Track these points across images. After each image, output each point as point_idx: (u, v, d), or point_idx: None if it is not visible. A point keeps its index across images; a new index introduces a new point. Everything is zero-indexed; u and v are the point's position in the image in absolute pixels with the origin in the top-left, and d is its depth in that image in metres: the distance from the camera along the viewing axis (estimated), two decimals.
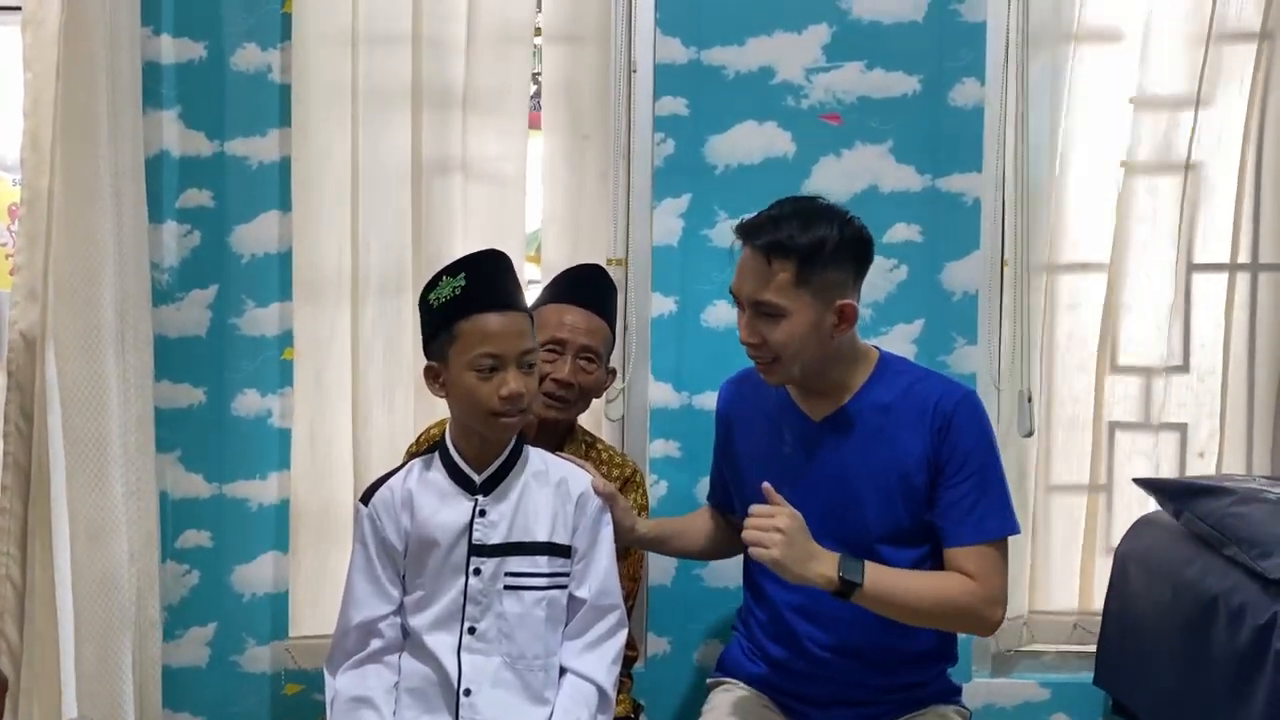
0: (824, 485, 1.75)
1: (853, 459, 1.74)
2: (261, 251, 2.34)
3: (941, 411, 1.70)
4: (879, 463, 1.72)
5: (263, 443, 2.36)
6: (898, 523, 1.72)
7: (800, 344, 1.69)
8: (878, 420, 1.73)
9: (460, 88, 2.30)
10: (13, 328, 2.07)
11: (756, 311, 1.70)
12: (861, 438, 1.74)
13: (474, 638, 1.68)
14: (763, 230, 1.69)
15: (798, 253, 1.65)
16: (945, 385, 1.76)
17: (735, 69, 2.33)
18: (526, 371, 1.67)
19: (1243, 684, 1.71)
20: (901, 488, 1.71)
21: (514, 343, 1.65)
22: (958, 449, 1.69)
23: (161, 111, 2.32)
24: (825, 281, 1.67)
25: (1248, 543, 1.81)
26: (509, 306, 1.66)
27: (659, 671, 2.37)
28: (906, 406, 1.72)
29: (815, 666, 1.76)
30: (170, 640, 2.35)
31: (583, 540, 1.75)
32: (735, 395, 1.94)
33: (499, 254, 1.72)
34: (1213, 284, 2.40)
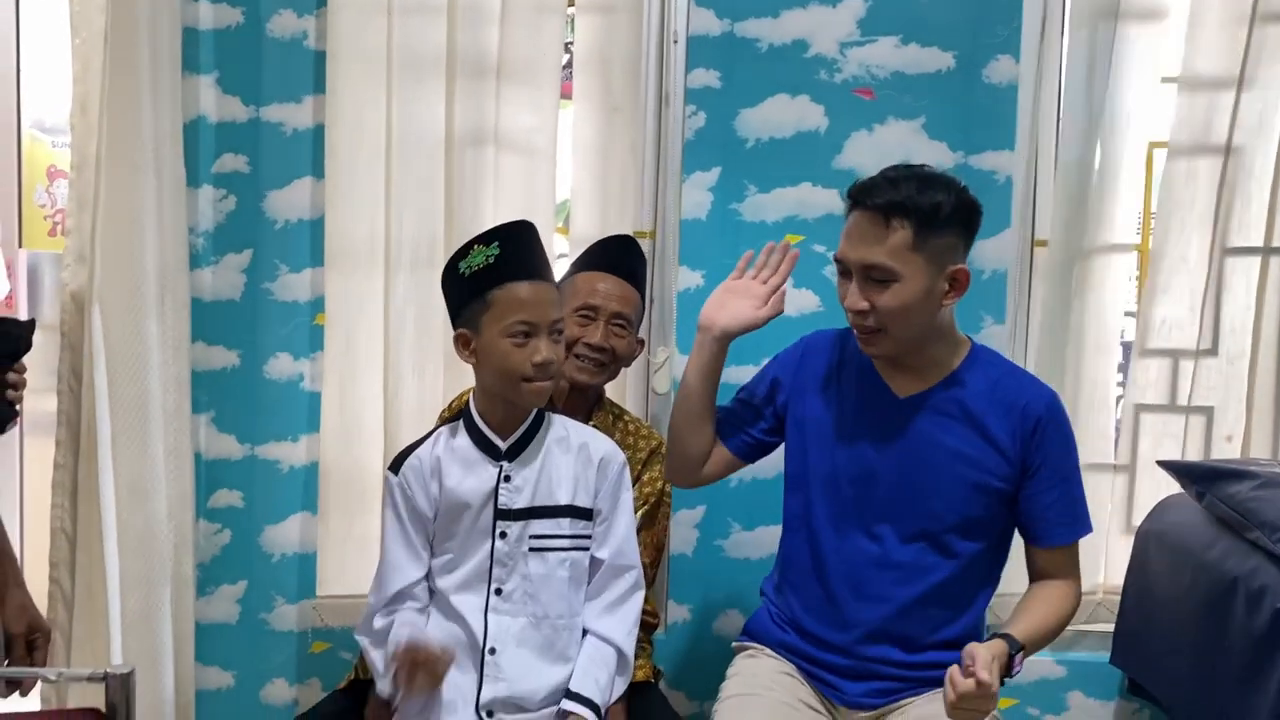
0: (897, 465, 1.73)
1: (933, 443, 1.72)
2: (295, 217, 2.37)
3: (1032, 413, 1.69)
4: (960, 452, 1.71)
5: (294, 406, 2.40)
6: (969, 514, 1.72)
7: (911, 311, 1.65)
8: (964, 408, 1.71)
9: (494, 57, 2.31)
10: (64, 289, 2.12)
11: (866, 276, 1.65)
12: (946, 423, 1.72)
13: (500, 598, 1.73)
14: (879, 190, 1.64)
15: (916, 213, 1.61)
16: (1035, 384, 1.75)
17: (769, 41, 2.33)
18: (556, 340, 1.70)
19: (1259, 667, 1.72)
20: (980, 481, 1.71)
21: (546, 311, 1.68)
22: (1050, 453, 1.69)
23: (199, 77, 2.34)
24: (940, 245, 1.64)
25: (1269, 526, 1.82)
26: (541, 276, 1.70)
27: (679, 639, 2.41)
28: (995, 400, 1.71)
29: (849, 643, 1.77)
30: (202, 597, 2.41)
31: (605, 503, 1.79)
32: (812, 355, 1.87)
33: (529, 225, 1.74)
34: (1246, 267, 2.38)
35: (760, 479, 2.36)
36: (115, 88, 2.04)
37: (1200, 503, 2.06)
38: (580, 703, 1.70)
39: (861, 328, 1.69)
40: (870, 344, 1.70)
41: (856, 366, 1.79)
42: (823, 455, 1.80)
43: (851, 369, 1.80)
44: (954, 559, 1.73)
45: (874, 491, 1.73)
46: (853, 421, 1.78)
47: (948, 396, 1.72)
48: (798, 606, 1.85)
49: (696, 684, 2.40)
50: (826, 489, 1.80)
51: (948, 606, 1.75)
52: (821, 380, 1.83)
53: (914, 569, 1.74)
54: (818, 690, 1.81)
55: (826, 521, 1.80)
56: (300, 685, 2.44)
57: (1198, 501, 2.07)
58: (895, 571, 1.74)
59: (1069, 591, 1.73)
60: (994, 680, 1.50)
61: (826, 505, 1.80)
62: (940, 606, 1.75)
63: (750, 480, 2.37)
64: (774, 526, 2.37)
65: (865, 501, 1.76)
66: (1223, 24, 2.31)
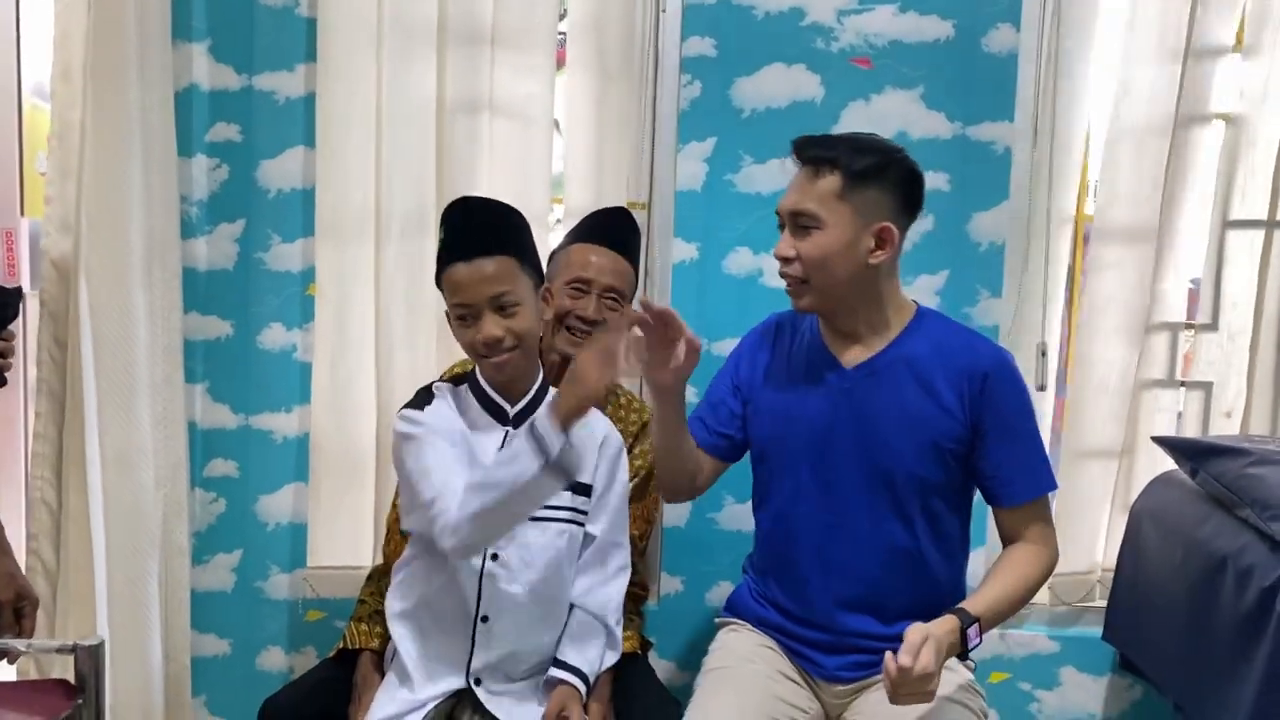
0: (851, 435, 1.74)
1: (883, 409, 1.73)
2: (288, 187, 2.36)
3: (980, 369, 1.69)
4: (910, 415, 1.71)
5: (287, 376, 2.40)
6: (925, 477, 1.72)
7: (832, 262, 1.66)
8: (912, 371, 1.72)
9: (488, 24, 2.28)
10: (44, 257, 2.11)
11: (795, 224, 1.69)
12: (894, 388, 1.72)
13: (497, 564, 1.72)
14: (816, 143, 1.69)
15: (845, 167, 1.65)
16: (982, 343, 1.75)
17: (765, 9, 2.29)
18: (506, 314, 1.67)
19: (1245, 645, 1.71)
20: (932, 442, 1.71)
21: (480, 289, 1.65)
22: (1000, 411, 1.69)
23: (192, 44, 2.33)
24: (868, 199, 1.66)
25: (1260, 504, 1.80)
26: (474, 254, 1.66)
27: (672, 610, 2.41)
28: (942, 361, 1.71)
29: (822, 616, 1.78)
30: (198, 565, 2.42)
31: (601, 481, 1.79)
32: (766, 338, 1.90)
33: (472, 201, 1.74)
34: (1248, 240, 2.34)
35: None
36: (99, 55, 2.03)
37: (1194, 479, 2.04)
38: (569, 671, 1.71)
39: (788, 277, 1.72)
40: (797, 295, 1.73)
41: (806, 342, 1.81)
42: (779, 432, 1.81)
43: (802, 345, 1.82)
44: (914, 525, 1.74)
45: (830, 463, 1.75)
46: (805, 396, 1.79)
47: (894, 361, 1.73)
48: (773, 582, 1.86)
49: (688, 655, 2.41)
50: (786, 466, 1.81)
51: (915, 575, 1.75)
52: (775, 361, 1.85)
53: (875, 538, 1.74)
54: (797, 664, 1.82)
55: (788, 498, 1.81)
56: (295, 653, 2.46)
57: (1191, 478, 2.05)
58: (857, 543, 1.75)
59: (1037, 554, 1.71)
60: (925, 663, 1.48)
61: (787, 481, 1.81)
62: (908, 575, 1.75)
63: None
64: None
65: (822, 475, 1.76)
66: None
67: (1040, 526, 1.73)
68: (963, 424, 1.70)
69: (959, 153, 2.30)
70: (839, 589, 1.77)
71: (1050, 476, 1.74)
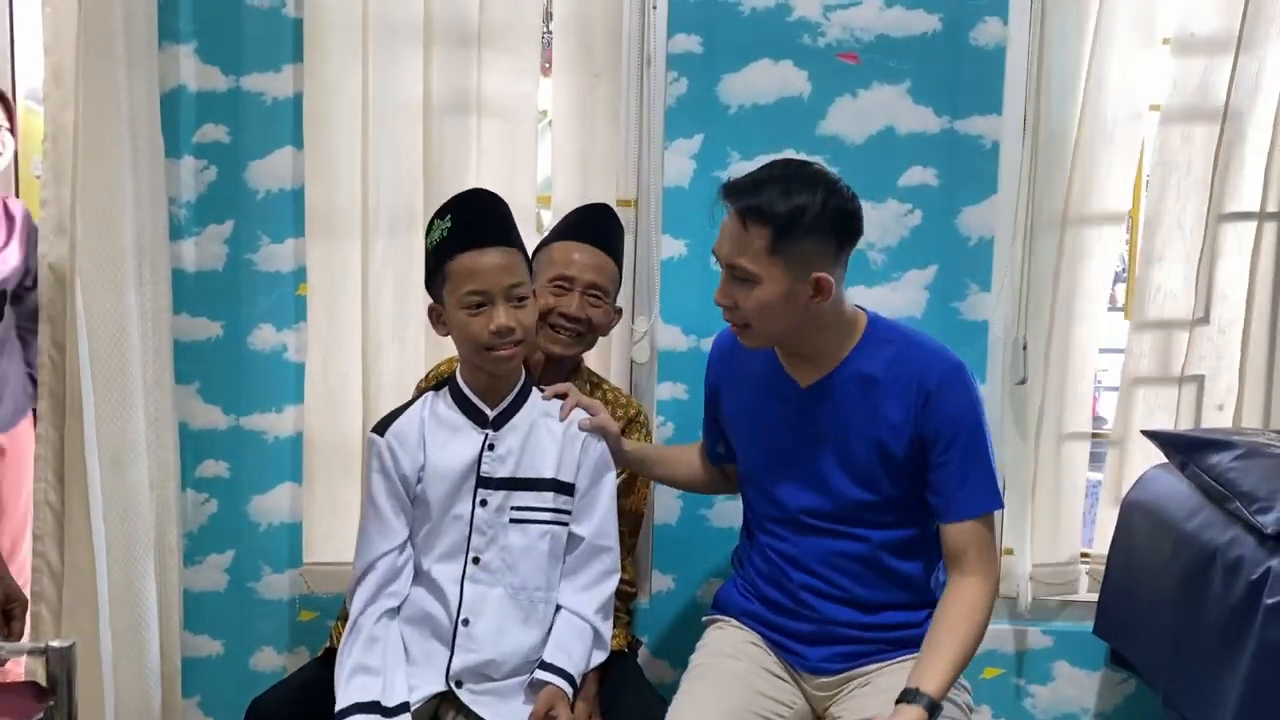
0: (811, 453, 1.76)
1: (837, 429, 1.73)
2: (276, 187, 2.36)
3: (926, 384, 1.67)
4: (862, 433, 1.71)
5: (278, 376, 2.40)
6: (883, 494, 1.72)
7: (772, 312, 1.66)
8: (863, 389, 1.72)
9: (474, 24, 2.28)
10: (43, 261, 2.12)
11: (731, 275, 1.68)
12: (846, 407, 1.73)
13: (478, 568, 1.73)
14: (743, 193, 1.65)
15: (773, 220, 1.61)
16: (932, 356, 1.71)
17: (751, 5, 2.29)
18: (517, 305, 1.69)
19: (1233, 638, 1.70)
20: (883, 459, 1.71)
21: (498, 278, 1.67)
22: (944, 424, 1.67)
23: (178, 46, 2.33)
24: (801, 252, 1.62)
25: (1248, 497, 1.79)
26: (492, 243, 1.68)
27: (663, 608, 2.41)
28: (892, 377, 1.70)
29: (804, 607, 1.79)
30: (190, 566, 2.43)
31: (585, 480, 1.79)
32: (724, 357, 1.92)
33: (483, 192, 1.75)
34: (1240, 233, 2.33)
35: None
36: (89, 58, 2.03)
37: (1183, 473, 2.03)
38: (554, 673, 1.71)
39: (731, 321, 1.74)
40: (743, 336, 1.74)
41: (763, 360, 1.81)
42: (746, 447, 1.85)
43: (759, 362, 1.82)
44: (872, 540, 1.74)
45: (792, 480, 1.77)
46: (765, 413, 1.81)
47: (846, 380, 1.73)
48: (754, 575, 1.87)
49: (679, 653, 2.38)
50: (754, 478, 1.85)
51: (881, 575, 1.76)
52: (739, 375, 1.87)
53: (840, 551, 1.76)
54: (782, 659, 1.82)
55: (760, 509, 1.85)
56: (289, 653, 2.46)
57: (1181, 472, 2.05)
58: (824, 553, 1.77)
59: (975, 595, 1.66)
60: None
61: (756, 493, 1.85)
62: (874, 576, 1.76)
63: None
64: None
65: (786, 491, 1.79)
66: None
67: (980, 548, 1.68)
68: (909, 439, 1.69)
69: (947, 147, 2.30)
70: (816, 585, 1.78)
71: (995, 495, 1.69)
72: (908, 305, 2.33)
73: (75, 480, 2.10)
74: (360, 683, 1.66)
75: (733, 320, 1.73)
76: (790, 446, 1.78)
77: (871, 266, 2.32)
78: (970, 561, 1.67)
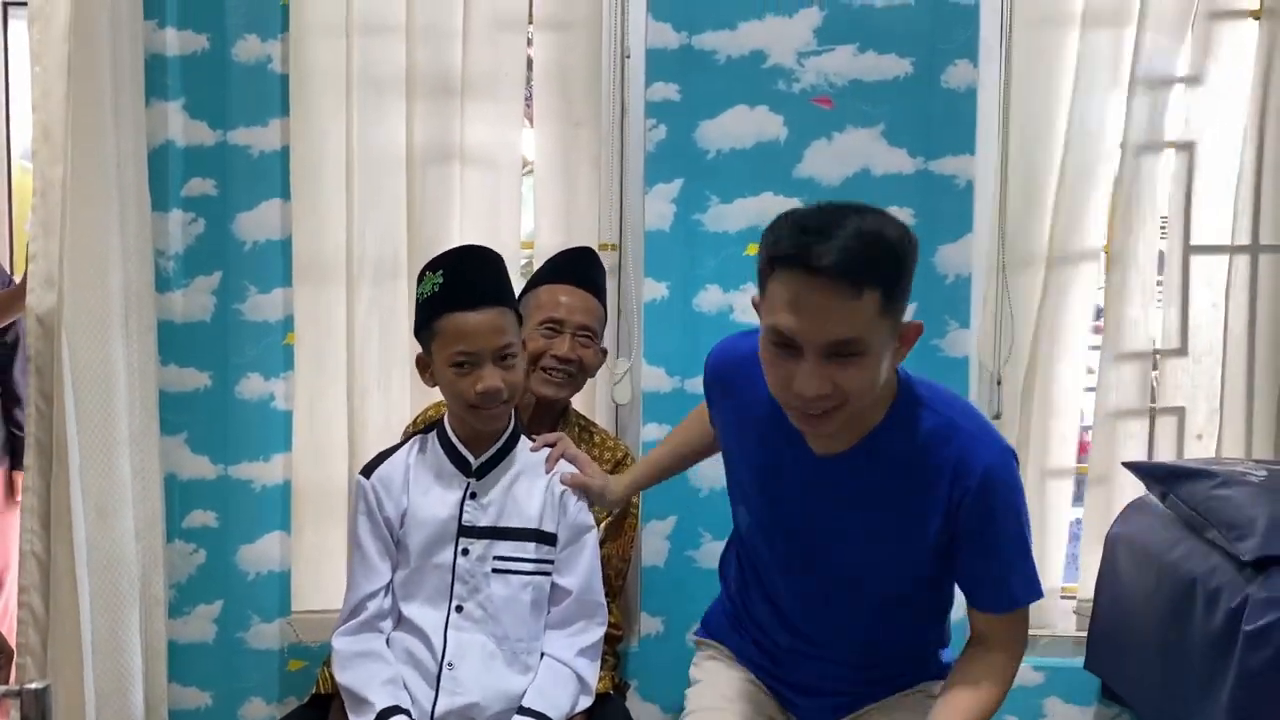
0: (820, 530, 1.56)
1: (852, 517, 1.53)
2: (264, 238, 2.39)
3: (964, 483, 1.46)
4: (880, 533, 1.52)
5: (266, 425, 2.42)
6: (899, 589, 1.58)
7: (875, 385, 1.39)
8: (889, 471, 1.49)
9: (456, 75, 2.33)
10: (31, 313, 2.15)
11: (831, 354, 1.35)
12: (869, 489, 1.50)
13: (461, 616, 1.73)
14: (840, 250, 1.31)
15: (884, 273, 1.33)
16: (971, 443, 1.47)
17: (727, 53, 2.34)
18: (505, 366, 1.71)
19: (1215, 668, 1.71)
20: (910, 558, 1.54)
21: (488, 340, 1.68)
22: (984, 523, 1.48)
23: (167, 103, 2.37)
24: (902, 304, 1.39)
25: (1226, 525, 1.80)
26: (483, 304, 1.69)
27: (652, 651, 2.40)
28: (925, 463, 1.47)
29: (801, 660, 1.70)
30: (178, 617, 2.42)
31: (566, 531, 1.79)
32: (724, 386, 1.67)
33: (478, 250, 1.76)
34: (1211, 266, 2.37)
35: None
36: (79, 116, 2.07)
37: (1164, 503, 2.05)
38: (532, 716, 1.70)
39: (813, 411, 1.39)
40: (819, 425, 1.41)
41: (768, 410, 1.51)
42: (747, 493, 1.66)
43: (763, 410, 1.53)
44: (889, 623, 1.63)
45: (799, 548, 1.60)
46: (772, 472, 1.58)
47: (869, 459, 1.49)
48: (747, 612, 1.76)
49: (669, 696, 2.39)
50: (757, 526, 1.67)
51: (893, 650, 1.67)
52: (744, 417, 1.61)
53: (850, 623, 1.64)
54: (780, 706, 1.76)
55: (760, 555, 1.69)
56: (278, 703, 2.45)
57: (1161, 502, 2.06)
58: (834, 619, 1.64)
59: (998, 668, 1.53)
60: None
61: (760, 538, 1.68)
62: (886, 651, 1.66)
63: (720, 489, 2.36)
64: None
65: (793, 552, 1.62)
66: (1176, 22, 2.30)
67: (1011, 631, 1.55)
68: (938, 533, 1.50)
69: (922, 187, 2.34)
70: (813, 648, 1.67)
71: (1035, 588, 1.53)
72: None
73: (61, 530, 2.11)
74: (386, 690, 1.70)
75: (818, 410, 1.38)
76: (798, 517, 1.58)
77: None
78: (997, 642, 1.55)
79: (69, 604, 2.08)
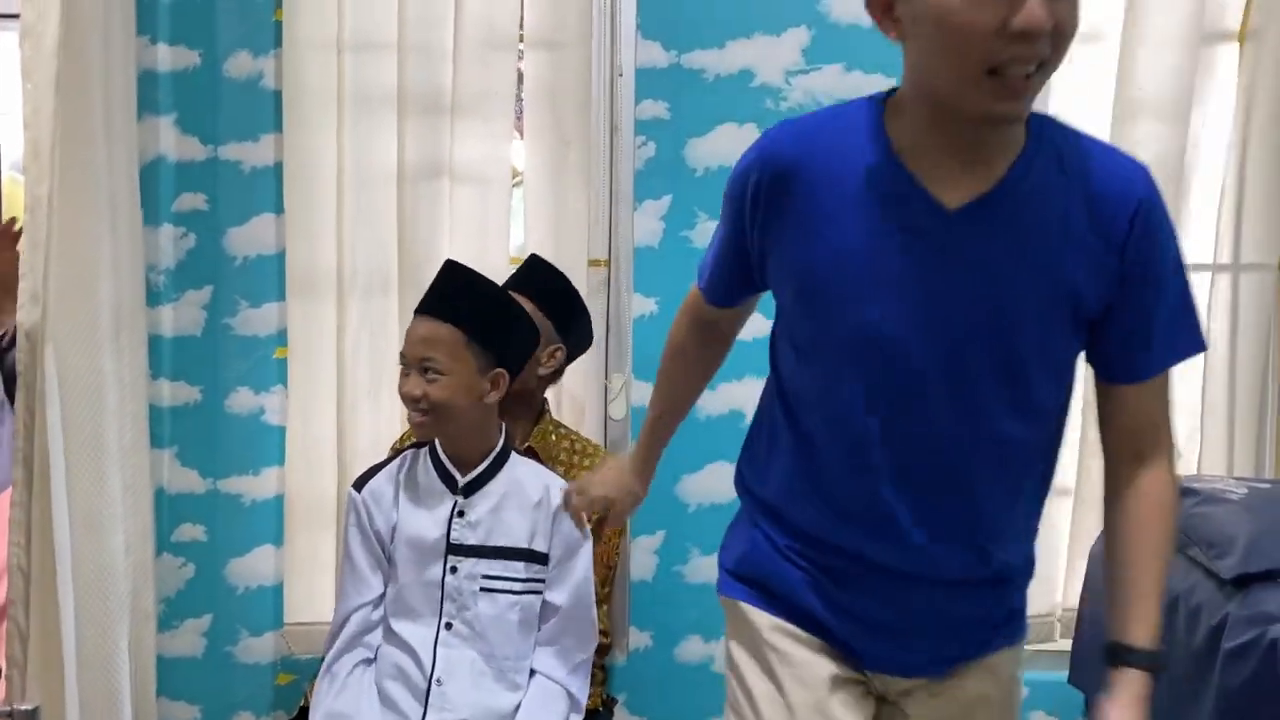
0: (963, 300, 1.23)
1: (1004, 263, 1.22)
2: (255, 253, 2.41)
3: (1126, 208, 1.21)
4: (1041, 270, 1.22)
5: (256, 439, 2.43)
6: (1055, 349, 1.27)
7: None
8: (1037, 211, 1.22)
9: (447, 93, 2.35)
10: (20, 328, 2.15)
11: None
12: (1016, 234, 1.22)
13: (450, 633, 1.75)
14: None
15: None
16: (1121, 165, 1.25)
17: (715, 72, 2.36)
18: (429, 379, 1.72)
19: (1195, 684, 1.73)
20: (1071, 305, 1.24)
21: (414, 348, 1.74)
22: (1157, 254, 1.23)
23: (158, 118, 2.38)
24: None
25: (1206, 543, 1.83)
26: (428, 313, 1.75)
27: (641, 665, 2.41)
28: (1078, 194, 1.22)
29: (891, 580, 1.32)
30: (166, 631, 2.43)
31: (560, 548, 1.80)
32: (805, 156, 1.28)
33: (459, 267, 1.81)
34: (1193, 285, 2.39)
35: (718, 504, 2.38)
36: (69, 133, 2.08)
37: None
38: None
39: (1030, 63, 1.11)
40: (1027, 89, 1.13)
41: (874, 171, 1.23)
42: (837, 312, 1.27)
43: (863, 178, 1.24)
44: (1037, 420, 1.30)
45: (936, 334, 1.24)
46: (880, 250, 1.24)
47: (1012, 197, 1.22)
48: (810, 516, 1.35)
49: (658, 711, 2.41)
50: (851, 357, 1.27)
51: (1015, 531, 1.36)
52: (817, 198, 1.27)
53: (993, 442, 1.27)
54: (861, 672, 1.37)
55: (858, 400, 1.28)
56: (268, 717, 2.46)
57: None
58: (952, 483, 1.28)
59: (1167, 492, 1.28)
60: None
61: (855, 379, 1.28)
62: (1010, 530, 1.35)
63: (709, 505, 2.39)
64: None
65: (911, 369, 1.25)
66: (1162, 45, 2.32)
67: (1169, 417, 1.29)
68: (1111, 278, 1.23)
69: None
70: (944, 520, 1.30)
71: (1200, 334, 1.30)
72: None
73: (43, 545, 2.11)
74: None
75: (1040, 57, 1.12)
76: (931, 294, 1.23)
77: None
78: (1157, 443, 1.28)
79: (50, 619, 2.08)
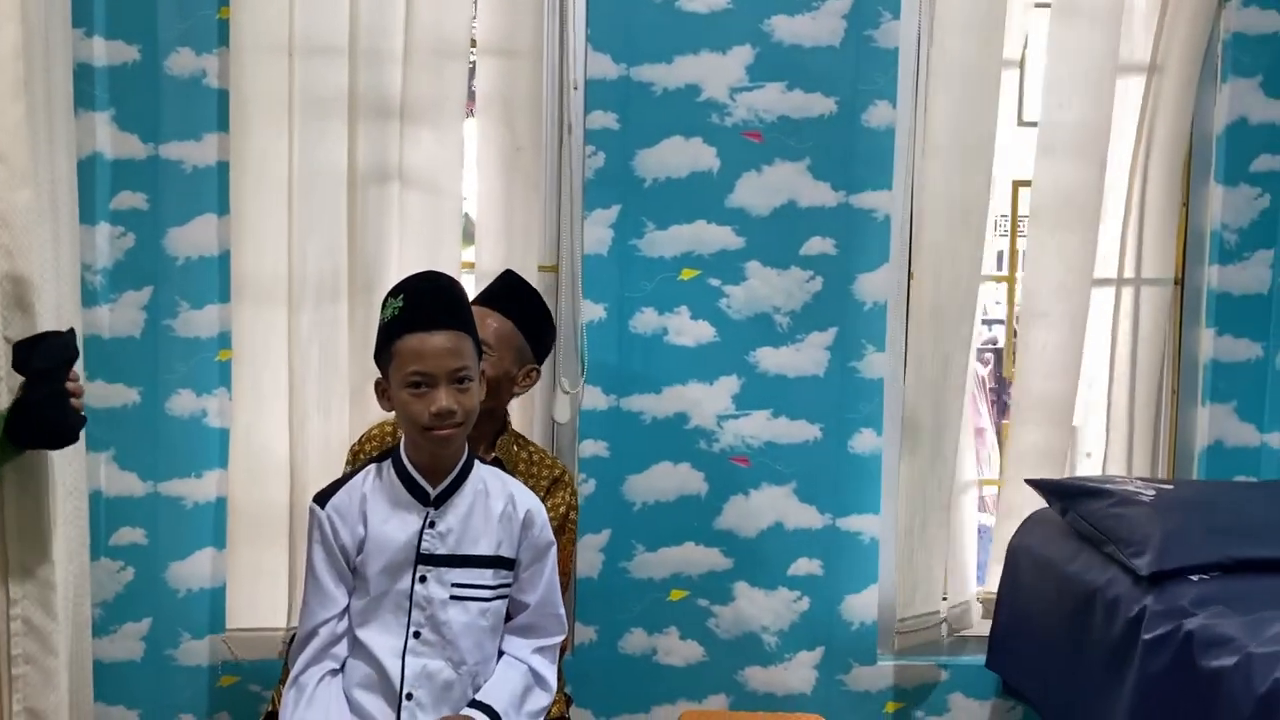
0: None
1: None
2: (196, 254, 2.38)
3: None
4: None
5: (198, 442, 2.40)
6: None
7: None
8: None
9: (397, 99, 2.35)
10: None
11: None
12: None
13: (418, 642, 1.76)
14: None
15: None
16: None
17: (663, 86, 2.43)
18: (459, 388, 1.72)
19: (1115, 671, 1.90)
20: None
21: (443, 360, 1.70)
22: None
23: (94, 113, 2.33)
24: None
25: (1124, 541, 2.00)
26: (440, 326, 1.71)
27: (587, 659, 2.49)
28: None
29: None
30: (104, 636, 2.39)
31: (527, 554, 1.82)
32: None
33: (438, 275, 1.79)
34: (1101, 296, 2.59)
35: (662, 502, 2.47)
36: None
37: (1064, 518, 2.24)
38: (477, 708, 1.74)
39: None
40: None
41: None
42: None
43: None
44: None
45: None
46: None
47: None
48: None
49: (603, 703, 2.49)
50: None
51: None
52: None
53: None
54: None
55: None
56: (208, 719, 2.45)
57: (1061, 517, 2.25)
58: None
59: None
60: None
61: None
62: None
63: (653, 504, 2.48)
64: (675, 547, 2.49)
65: None
66: (1078, 74, 2.48)
67: None
68: None
69: (843, 219, 2.48)
70: None
71: None
72: (810, 365, 2.50)
73: None
74: None
75: None
76: None
77: (778, 329, 2.48)
78: None
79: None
